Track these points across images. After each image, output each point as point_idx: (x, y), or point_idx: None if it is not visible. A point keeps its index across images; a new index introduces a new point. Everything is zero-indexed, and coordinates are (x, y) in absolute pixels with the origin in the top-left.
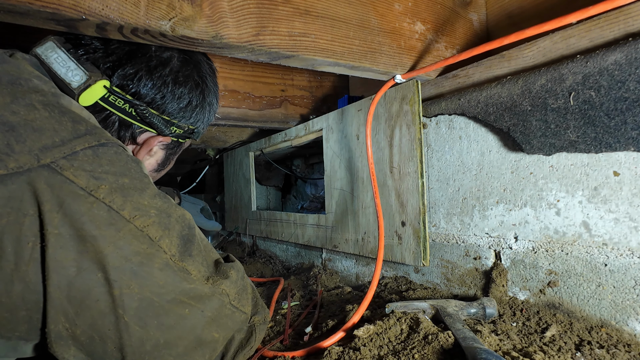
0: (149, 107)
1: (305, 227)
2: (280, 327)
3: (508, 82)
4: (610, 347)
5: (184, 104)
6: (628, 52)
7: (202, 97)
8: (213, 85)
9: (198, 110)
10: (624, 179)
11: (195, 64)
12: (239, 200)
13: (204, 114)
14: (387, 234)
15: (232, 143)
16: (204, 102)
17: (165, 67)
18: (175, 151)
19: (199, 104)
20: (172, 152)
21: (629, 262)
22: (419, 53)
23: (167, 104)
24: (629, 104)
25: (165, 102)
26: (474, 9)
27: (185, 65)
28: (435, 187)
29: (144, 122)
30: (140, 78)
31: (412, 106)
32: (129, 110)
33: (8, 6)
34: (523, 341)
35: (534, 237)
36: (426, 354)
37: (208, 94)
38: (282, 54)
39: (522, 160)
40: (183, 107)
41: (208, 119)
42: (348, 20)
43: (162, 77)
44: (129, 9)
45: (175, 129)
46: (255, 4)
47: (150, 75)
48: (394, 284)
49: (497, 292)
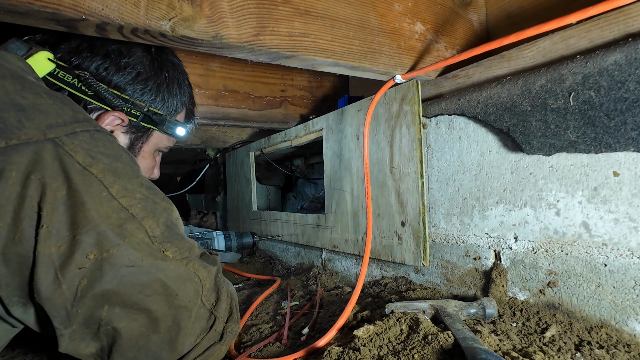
0: (95, 78)
1: (305, 227)
2: (279, 327)
3: (508, 83)
4: (610, 348)
5: (132, 75)
6: (628, 53)
7: (155, 70)
8: (172, 62)
9: (152, 85)
10: (623, 179)
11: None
12: (240, 200)
13: (163, 92)
14: (387, 234)
15: (232, 143)
16: (159, 76)
17: (109, 41)
18: (143, 139)
19: (152, 77)
20: (137, 138)
21: (629, 263)
22: (418, 53)
23: (112, 75)
24: (628, 104)
25: (110, 72)
26: (474, 9)
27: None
28: (435, 187)
29: (95, 97)
30: (82, 50)
31: (412, 106)
32: (78, 85)
33: (8, 6)
34: (523, 341)
35: (533, 238)
36: (426, 354)
37: (166, 69)
38: (282, 54)
39: (522, 161)
40: (131, 79)
41: (175, 101)
42: (348, 21)
43: (105, 47)
44: (129, 9)
45: (130, 107)
46: (255, 4)
47: (92, 48)
48: (393, 284)
49: (497, 293)
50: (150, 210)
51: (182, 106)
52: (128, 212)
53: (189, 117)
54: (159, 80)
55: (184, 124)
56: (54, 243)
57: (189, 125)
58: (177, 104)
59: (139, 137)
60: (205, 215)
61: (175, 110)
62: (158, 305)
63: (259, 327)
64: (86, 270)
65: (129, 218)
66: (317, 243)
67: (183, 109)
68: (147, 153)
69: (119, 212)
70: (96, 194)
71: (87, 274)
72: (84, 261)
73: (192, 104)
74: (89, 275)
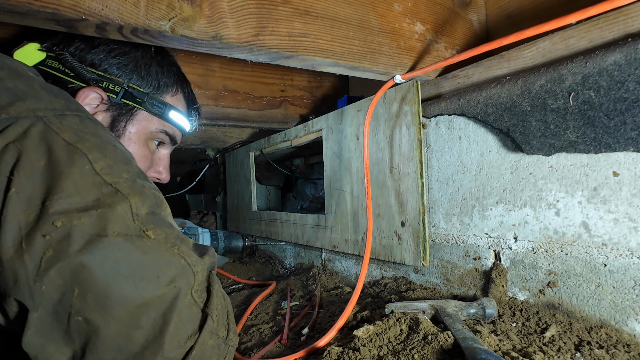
0: (73, 57)
1: (305, 228)
2: (280, 327)
3: (508, 83)
4: (609, 348)
5: (106, 51)
6: (627, 53)
7: (130, 47)
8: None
9: (127, 60)
10: (623, 179)
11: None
12: (240, 200)
13: (140, 68)
14: (387, 234)
15: (232, 143)
16: (135, 53)
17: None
18: (127, 117)
19: (126, 53)
20: (119, 115)
21: (629, 263)
22: (418, 53)
23: (86, 53)
24: (628, 104)
25: (85, 51)
26: (474, 10)
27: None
28: (434, 187)
29: (76, 78)
30: (63, 38)
31: (412, 106)
32: (62, 68)
33: (8, 6)
34: (522, 341)
35: (533, 238)
36: (426, 354)
37: (142, 48)
38: (281, 55)
39: (522, 161)
40: (104, 55)
41: (156, 79)
42: (348, 21)
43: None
44: (128, 9)
45: (109, 83)
46: (255, 4)
47: (74, 37)
48: (393, 284)
49: (497, 293)
50: (138, 190)
51: (169, 87)
52: (112, 187)
53: (189, 107)
54: (134, 55)
55: (178, 109)
56: (24, 210)
57: (189, 117)
58: (159, 81)
59: (121, 114)
60: (205, 216)
61: (159, 89)
62: (138, 291)
63: (259, 328)
64: (52, 240)
65: (111, 193)
66: (317, 243)
67: (175, 92)
68: (136, 136)
69: (100, 187)
70: (78, 166)
71: (52, 244)
72: (50, 228)
73: (187, 91)
74: (54, 244)
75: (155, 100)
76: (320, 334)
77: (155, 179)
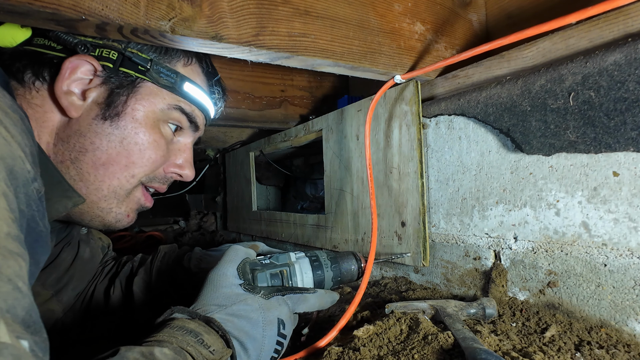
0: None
1: (305, 228)
2: None
3: (508, 83)
4: (609, 348)
5: None
6: (627, 53)
7: None
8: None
9: None
10: (623, 179)
11: None
12: (240, 200)
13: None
14: (387, 235)
15: (231, 143)
16: None
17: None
18: (129, 90)
19: None
20: (118, 87)
21: (629, 263)
22: (418, 53)
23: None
24: (628, 104)
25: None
26: (474, 10)
27: None
28: (434, 187)
29: (64, 50)
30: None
31: (412, 106)
32: (49, 43)
33: (8, 6)
34: (523, 341)
35: (533, 238)
36: (426, 354)
37: None
38: (281, 55)
39: (522, 161)
40: None
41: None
42: (348, 21)
43: None
44: (128, 9)
45: (102, 50)
46: (255, 4)
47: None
48: (393, 284)
49: (497, 293)
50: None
51: (179, 52)
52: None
53: (209, 79)
54: None
55: (194, 82)
56: None
57: (211, 94)
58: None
59: (122, 86)
60: (205, 216)
61: (166, 53)
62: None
63: None
64: None
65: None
66: (317, 243)
67: (189, 61)
68: (142, 115)
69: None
70: None
71: None
72: None
73: (206, 62)
74: None
75: (162, 67)
76: (320, 334)
77: (176, 176)
